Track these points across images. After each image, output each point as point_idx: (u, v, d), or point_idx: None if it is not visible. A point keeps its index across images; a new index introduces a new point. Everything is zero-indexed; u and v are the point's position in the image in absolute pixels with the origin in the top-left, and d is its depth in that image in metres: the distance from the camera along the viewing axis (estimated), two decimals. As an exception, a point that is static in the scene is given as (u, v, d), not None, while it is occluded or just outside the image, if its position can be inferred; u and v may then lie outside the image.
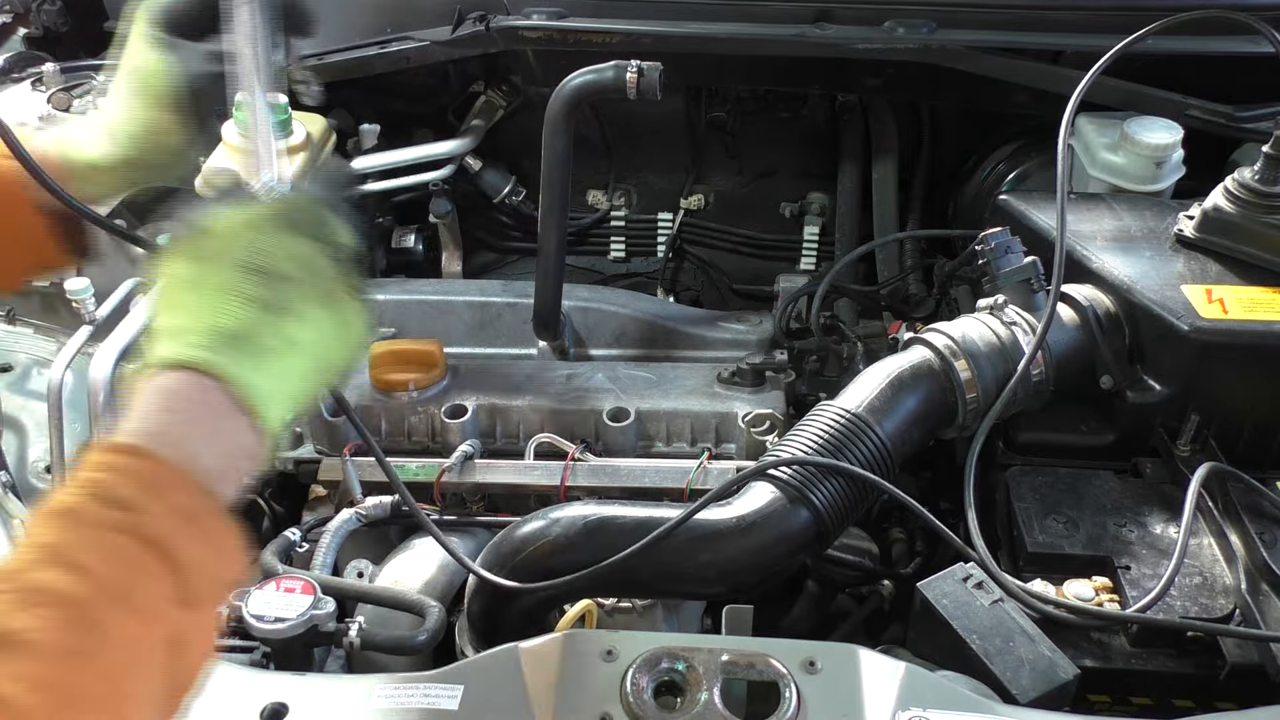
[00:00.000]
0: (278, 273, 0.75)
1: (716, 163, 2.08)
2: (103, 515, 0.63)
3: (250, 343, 0.72)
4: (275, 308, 0.74)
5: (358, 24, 1.83)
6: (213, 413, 0.70)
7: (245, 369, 0.71)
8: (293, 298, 0.75)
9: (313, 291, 0.76)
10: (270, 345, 0.73)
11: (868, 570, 1.36)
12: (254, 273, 0.74)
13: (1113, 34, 1.38)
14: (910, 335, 1.27)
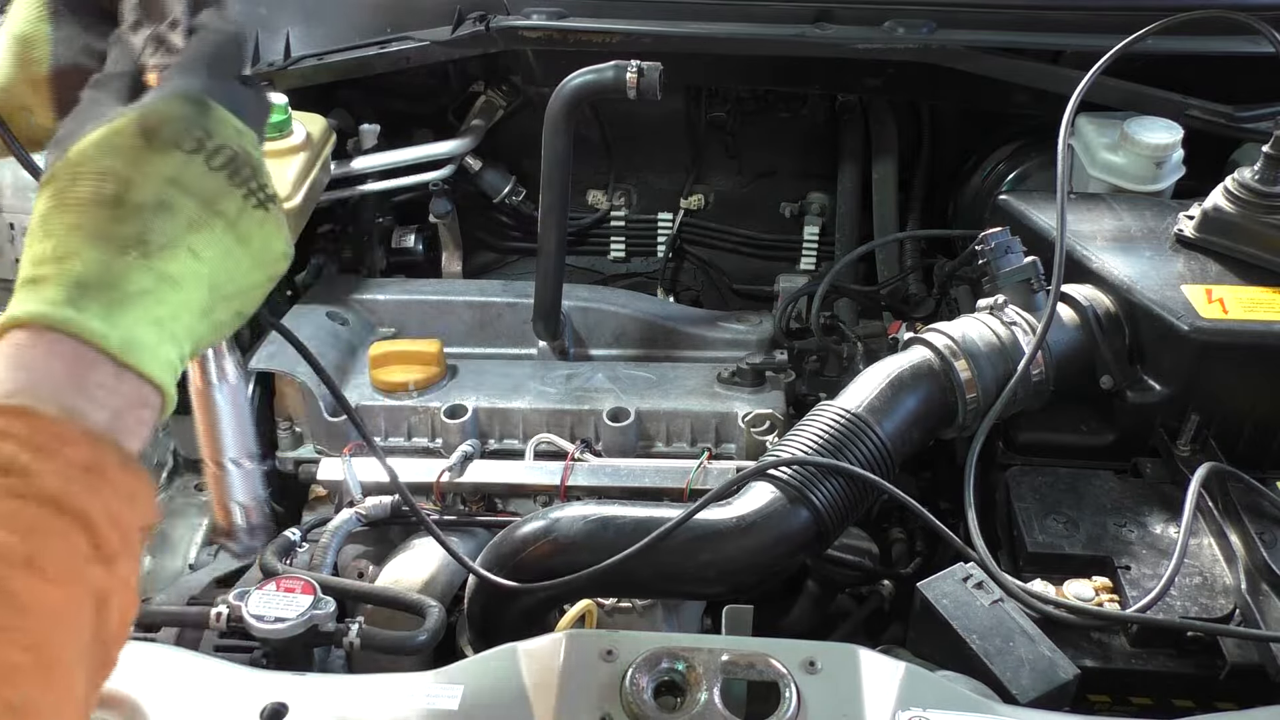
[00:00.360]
0: (143, 202, 0.65)
1: (716, 163, 2.08)
2: None
3: (114, 289, 0.63)
4: (142, 243, 0.64)
5: (358, 24, 1.83)
6: (86, 366, 0.62)
7: (111, 321, 0.62)
8: (166, 228, 0.65)
9: (194, 214, 0.66)
10: (141, 288, 0.64)
11: (868, 570, 1.36)
12: (112, 205, 0.64)
13: (1113, 34, 1.38)
14: (910, 335, 1.27)
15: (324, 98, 1.86)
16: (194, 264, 0.66)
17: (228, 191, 0.68)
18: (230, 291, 0.69)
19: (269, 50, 1.84)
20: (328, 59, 1.77)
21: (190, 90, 0.68)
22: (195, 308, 0.67)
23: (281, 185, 1.54)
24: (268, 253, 0.71)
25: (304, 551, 1.26)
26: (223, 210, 0.67)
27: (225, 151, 0.68)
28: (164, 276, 0.65)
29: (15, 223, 1.66)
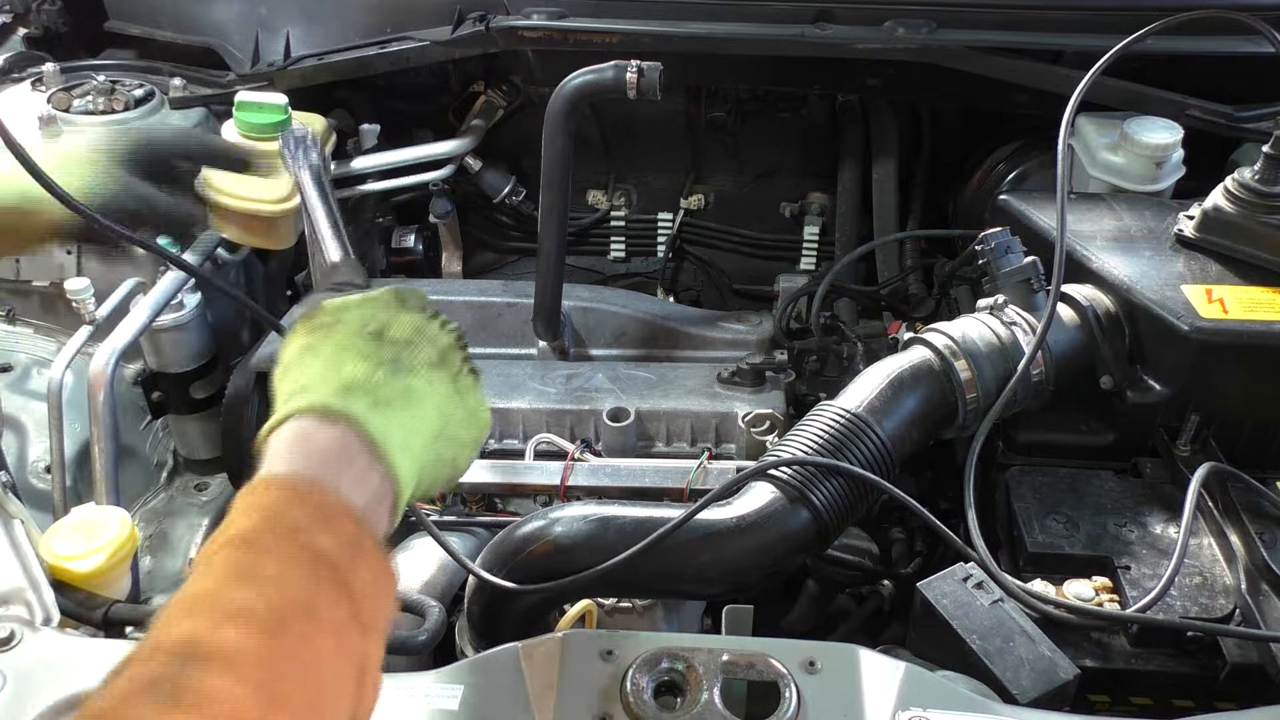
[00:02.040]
0: (392, 336, 0.79)
1: (716, 163, 2.09)
2: (278, 539, 0.65)
3: (372, 392, 0.74)
4: (393, 363, 0.77)
5: (358, 24, 1.83)
6: (349, 455, 0.71)
7: (370, 413, 0.73)
8: (412, 357, 0.78)
9: (429, 353, 0.80)
10: (391, 396, 0.75)
11: (868, 570, 1.36)
12: (370, 336, 0.78)
13: (1113, 34, 1.37)
14: (910, 335, 1.27)
15: (324, 98, 1.86)
16: (430, 392, 0.78)
17: (454, 350, 0.82)
18: (450, 434, 0.80)
19: (269, 50, 1.84)
20: (328, 59, 1.77)
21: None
22: (428, 431, 0.78)
23: (281, 185, 1.55)
24: (478, 413, 0.83)
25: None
26: (449, 361, 0.81)
27: (453, 324, 0.84)
28: (409, 391, 0.76)
29: (15, 223, 1.67)
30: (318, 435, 0.71)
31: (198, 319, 1.59)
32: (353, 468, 0.71)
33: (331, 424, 0.72)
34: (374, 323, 0.79)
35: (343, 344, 0.77)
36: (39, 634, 0.94)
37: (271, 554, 0.64)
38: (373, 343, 0.78)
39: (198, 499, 1.61)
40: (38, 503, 1.41)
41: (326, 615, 0.64)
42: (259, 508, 0.67)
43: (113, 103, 1.74)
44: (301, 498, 0.68)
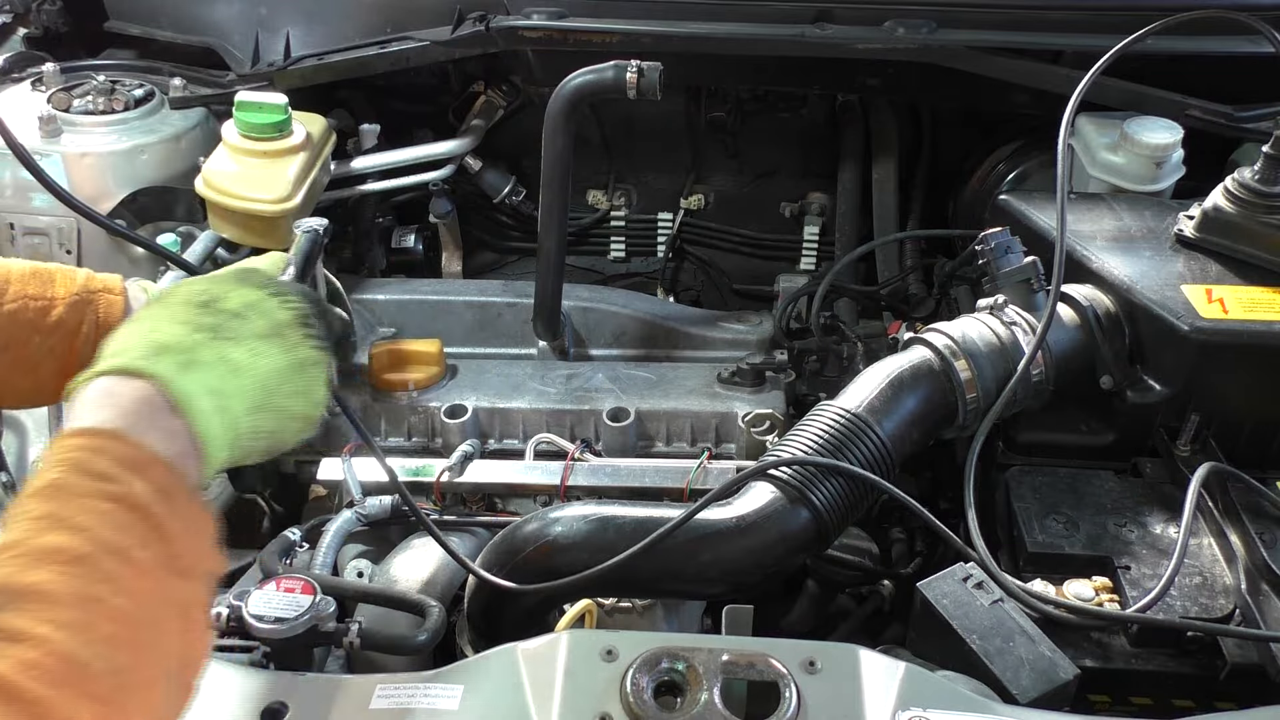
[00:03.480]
0: (224, 309, 0.80)
1: (716, 163, 2.09)
2: (89, 486, 0.66)
3: (184, 354, 0.76)
4: (213, 329, 0.79)
5: (358, 24, 1.83)
6: (153, 410, 0.73)
7: (177, 374, 0.74)
8: (238, 328, 0.80)
9: (259, 326, 0.81)
10: (205, 360, 0.77)
11: (868, 570, 1.36)
12: (198, 306, 0.80)
13: (1113, 34, 1.37)
14: (910, 335, 1.27)
15: (324, 98, 1.86)
16: (252, 361, 0.79)
17: (292, 325, 0.83)
18: (275, 406, 0.81)
19: (269, 50, 1.84)
20: (328, 59, 1.77)
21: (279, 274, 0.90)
22: (246, 399, 0.78)
23: (281, 185, 1.55)
24: (311, 391, 0.84)
25: (304, 551, 1.26)
26: (285, 335, 0.82)
27: (297, 304, 0.85)
28: (226, 359, 0.78)
29: (15, 222, 1.67)
30: (122, 392, 0.73)
31: (198, 319, 1.59)
32: (158, 422, 0.72)
33: (136, 382, 0.73)
34: (205, 295, 0.82)
35: (169, 313, 0.80)
36: (39, 634, 0.93)
37: (80, 501, 0.65)
38: (198, 311, 0.80)
39: (197, 499, 1.61)
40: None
41: (139, 558, 0.65)
42: (65, 460, 0.67)
43: (113, 103, 1.74)
44: (108, 448, 0.68)
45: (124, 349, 0.76)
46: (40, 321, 1.00)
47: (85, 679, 0.58)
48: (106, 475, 0.67)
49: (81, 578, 0.61)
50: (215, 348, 0.78)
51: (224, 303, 0.81)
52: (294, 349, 0.82)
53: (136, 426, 0.71)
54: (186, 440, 0.73)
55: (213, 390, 0.76)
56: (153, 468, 0.69)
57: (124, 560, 0.64)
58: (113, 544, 0.64)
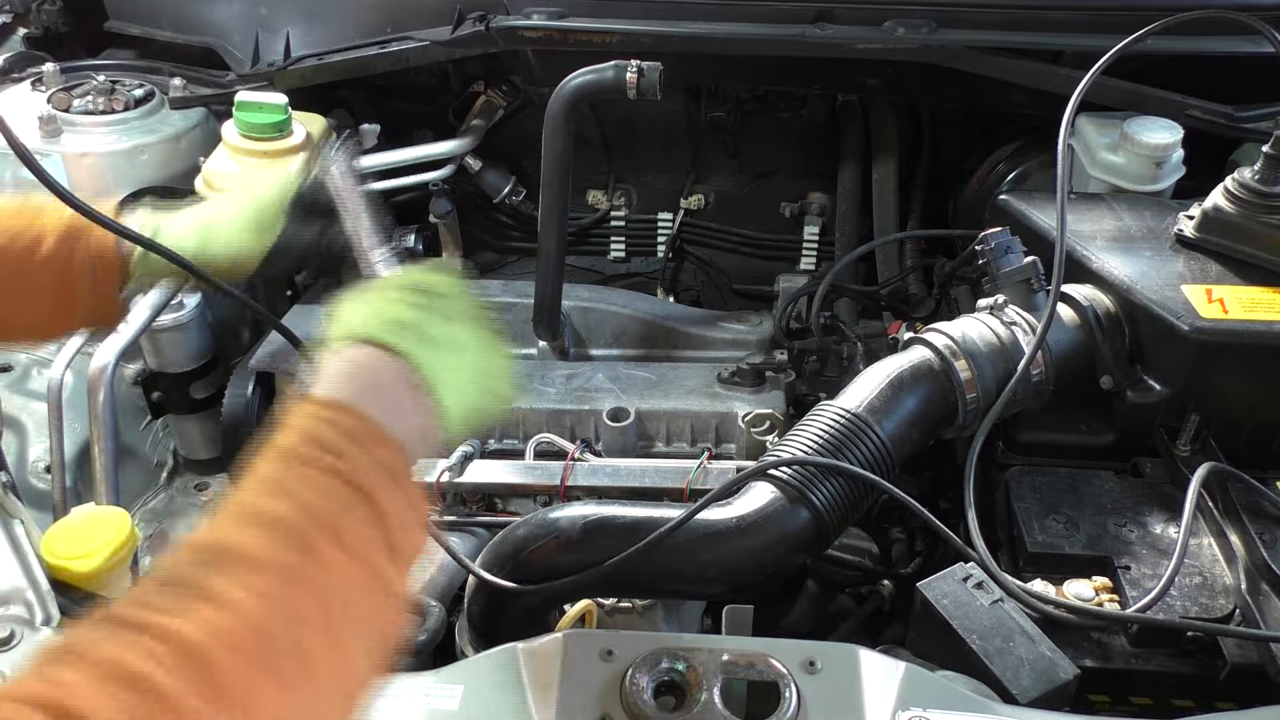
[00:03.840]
0: (434, 290, 0.83)
1: (716, 163, 2.08)
2: (316, 457, 0.67)
3: (419, 331, 0.78)
4: (439, 310, 0.81)
5: (358, 24, 1.83)
6: (395, 384, 0.75)
7: (420, 349, 0.77)
8: (453, 309, 0.82)
9: (468, 311, 0.84)
10: (436, 336, 0.79)
11: (868, 570, 1.36)
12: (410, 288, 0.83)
13: (1113, 34, 1.37)
14: (910, 335, 1.27)
15: (324, 98, 1.86)
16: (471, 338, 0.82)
17: (483, 313, 0.85)
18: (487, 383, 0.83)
19: (269, 50, 1.84)
20: (328, 59, 1.77)
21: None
22: (470, 375, 0.81)
23: None
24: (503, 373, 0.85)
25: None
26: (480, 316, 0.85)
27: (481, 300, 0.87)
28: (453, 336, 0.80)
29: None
30: (369, 363, 0.75)
31: (198, 319, 1.59)
32: (400, 398, 0.74)
33: (382, 354, 0.75)
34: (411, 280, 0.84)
35: (390, 295, 0.82)
36: (39, 634, 0.94)
37: (304, 470, 0.67)
38: (413, 294, 0.82)
39: (198, 499, 1.61)
40: (38, 503, 1.41)
41: (353, 537, 0.65)
42: (301, 427, 0.69)
43: (113, 103, 1.74)
44: (340, 421, 0.70)
45: (361, 324, 0.78)
46: (29, 257, 1.00)
47: (270, 654, 0.58)
48: (335, 449, 0.68)
49: (289, 549, 0.62)
50: (443, 327, 0.80)
51: (434, 286, 0.84)
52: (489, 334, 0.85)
53: (377, 401, 0.72)
54: (425, 415, 0.76)
55: (449, 366, 0.78)
56: (382, 445, 0.70)
57: (335, 537, 0.64)
58: (330, 520, 0.65)
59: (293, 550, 0.62)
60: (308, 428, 0.69)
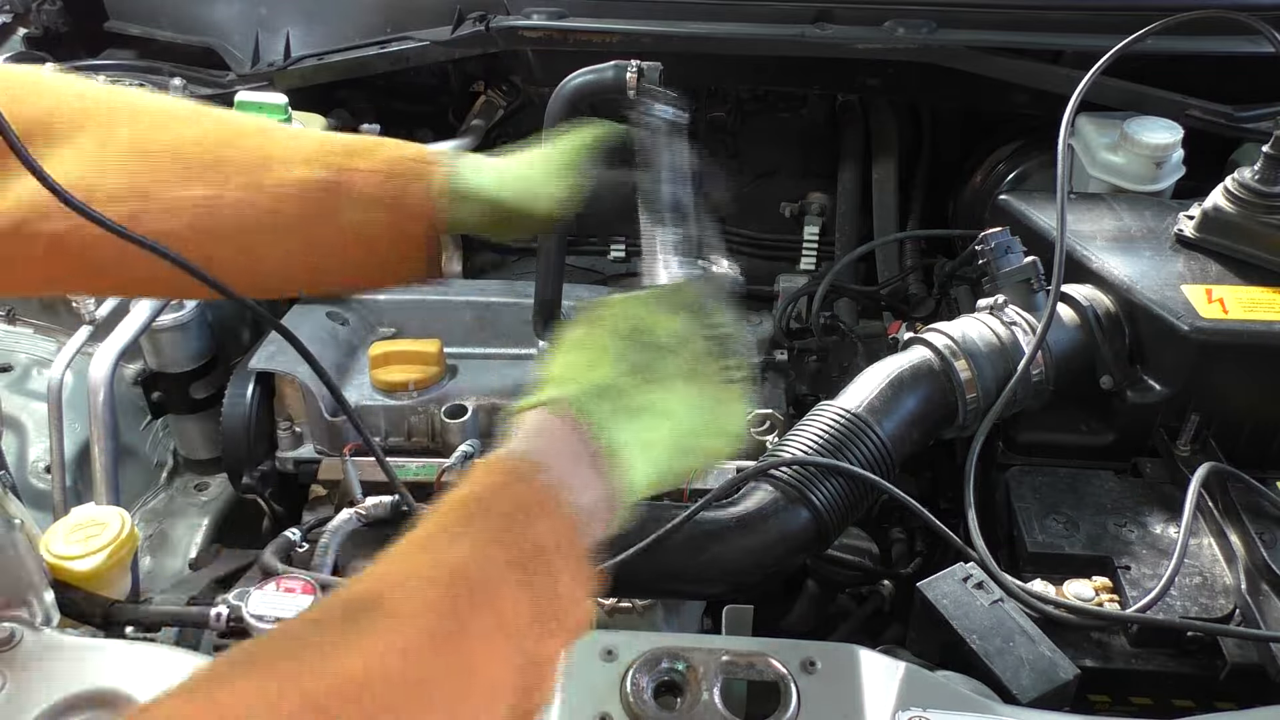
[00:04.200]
0: (653, 343, 0.79)
1: (716, 163, 2.08)
2: (494, 513, 0.67)
3: (619, 400, 0.76)
4: (645, 372, 0.78)
5: (358, 24, 1.83)
6: (585, 456, 0.73)
7: (612, 422, 0.75)
8: (663, 368, 0.79)
9: (684, 365, 0.80)
10: (637, 406, 0.76)
11: (868, 570, 1.36)
12: (630, 340, 0.79)
13: (1113, 34, 1.37)
14: (910, 335, 1.27)
15: (324, 98, 1.86)
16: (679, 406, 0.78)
17: (711, 358, 0.81)
18: (694, 447, 0.79)
19: (269, 50, 1.84)
20: (328, 59, 1.77)
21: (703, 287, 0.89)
22: (670, 444, 0.77)
23: None
24: (730, 427, 0.81)
25: (304, 551, 1.26)
26: (706, 372, 0.80)
27: (720, 329, 0.83)
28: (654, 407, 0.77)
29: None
30: (558, 430, 0.74)
31: (198, 319, 1.59)
32: (584, 469, 0.73)
33: (573, 421, 0.74)
34: (634, 322, 0.81)
35: (601, 342, 0.80)
36: (39, 634, 0.94)
37: (479, 526, 0.66)
38: (628, 346, 0.79)
39: (198, 499, 1.61)
40: (38, 503, 1.41)
41: (508, 608, 0.64)
42: (484, 482, 0.70)
43: (113, 103, 1.73)
44: (527, 482, 0.70)
45: (562, 379, 0.78)
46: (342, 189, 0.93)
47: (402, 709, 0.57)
48: (514, 512, 0.68)
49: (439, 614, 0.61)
50: (645, 393, 0.77)
51: (652, 334, 0.80)
52: (716, 388, 0.81)
53: (563, 469, 0.72)
54: (601, 495, 0.73)
55: (643, 441, 0.76)
56: (553, 517, 0.69)
57: (490, 606, 0.63)
58: (483, 587, 0.64)
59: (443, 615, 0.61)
60: (491, 482, 0.70)
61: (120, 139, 0.88)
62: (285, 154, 0.91)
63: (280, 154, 0.91)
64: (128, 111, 0.90)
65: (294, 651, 0.57)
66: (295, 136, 0.95)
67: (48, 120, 0.87)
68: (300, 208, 0.90)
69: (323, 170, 0.91)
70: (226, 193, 0.88)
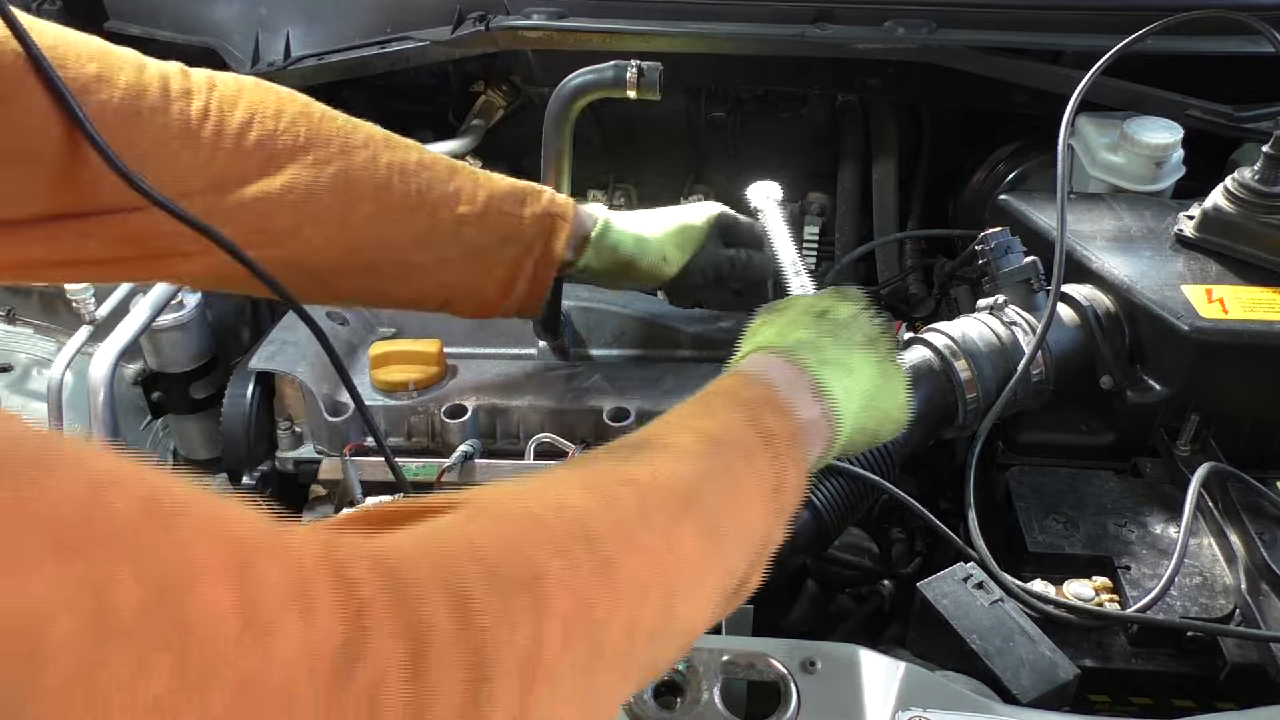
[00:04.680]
0: (833, 318, 0.91)
1: (716, 163, 2.08)
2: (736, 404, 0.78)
3: (817, 349, 0.87)
4: (833, 334, 0.89)
5: (358, 24, 1.83)
6: (800, 386, 0.83)
7: (817, 366, 0.85)
8: (847, 336, 0.90)
9: (859, 335, 0.91)
10: (832, 359, 0.87)
11: (868, 570, 1.36)
12: (815, 314, 0.91)
13: (1113, 34, 1.38)
14: (910, 335, 1.27)
15: (324, 98, 1.85)
16: (862, 363, 0.89)
17: (881, 338, 0.93)
18: (876, 406, 0.90)
19: (269, 50, 1.84)
20: (328, 59, 1.77)
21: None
22: (859, 397, 0.88)
23: None
24: (896, 397, 0.93)
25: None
26: (878, 346, 0.92)
27: (883, 317, 0.96)
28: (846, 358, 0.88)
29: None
30: (776, 366, 0.84)
31: (198, 319, 1.59)
32: (801, 394, 0.83)
33: (789, 362, 0.85)
34: (819, 307, 0.93)
35: (792, 318, 0.91)
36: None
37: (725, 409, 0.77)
38: (817, 318, 0.91)
39: (198, 499, 1.61)
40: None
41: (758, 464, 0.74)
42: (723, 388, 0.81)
43: (113, 103, 1.73)
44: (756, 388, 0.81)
45: (774, 337, 0.88)
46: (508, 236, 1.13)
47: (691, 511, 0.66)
48: (750, 403, 0.78)
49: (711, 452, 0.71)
50: (838, 349, 0.88)
51: (834, 313, 0.92)
52: (886, 359, 0.92)
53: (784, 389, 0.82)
54: (820, 415, 0.83)
55: (842, 385, 0.86)
56: (784, 416, 0.79)
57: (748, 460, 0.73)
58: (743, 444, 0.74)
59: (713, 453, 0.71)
60: (730, 386, 0.81)
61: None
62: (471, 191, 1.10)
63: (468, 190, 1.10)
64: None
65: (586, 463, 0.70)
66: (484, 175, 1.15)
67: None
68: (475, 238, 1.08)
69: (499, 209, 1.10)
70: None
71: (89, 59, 0.92)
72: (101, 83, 0.91)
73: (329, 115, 1.07)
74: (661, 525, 0.64)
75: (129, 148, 0.90)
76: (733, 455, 0.72)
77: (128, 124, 0.91)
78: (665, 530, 0.64)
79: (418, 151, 1.12)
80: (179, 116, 0.94)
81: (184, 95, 0.95)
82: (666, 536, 0.64)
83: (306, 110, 1.06)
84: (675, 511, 0.65)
